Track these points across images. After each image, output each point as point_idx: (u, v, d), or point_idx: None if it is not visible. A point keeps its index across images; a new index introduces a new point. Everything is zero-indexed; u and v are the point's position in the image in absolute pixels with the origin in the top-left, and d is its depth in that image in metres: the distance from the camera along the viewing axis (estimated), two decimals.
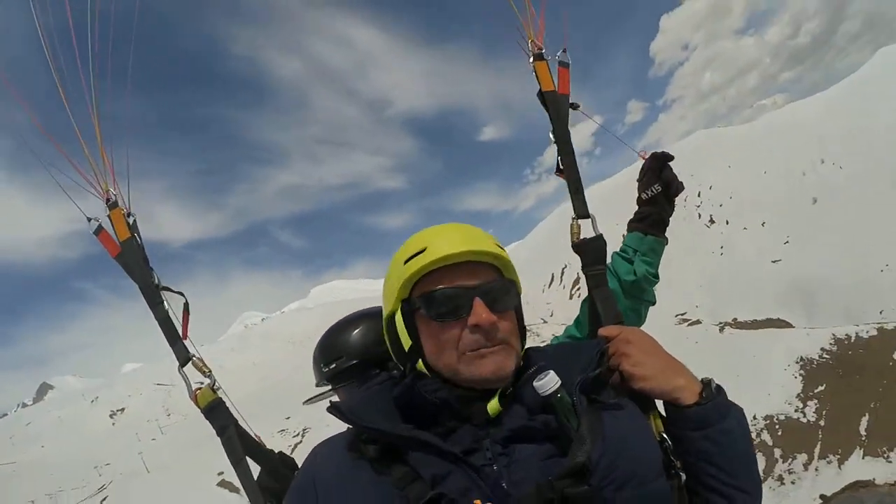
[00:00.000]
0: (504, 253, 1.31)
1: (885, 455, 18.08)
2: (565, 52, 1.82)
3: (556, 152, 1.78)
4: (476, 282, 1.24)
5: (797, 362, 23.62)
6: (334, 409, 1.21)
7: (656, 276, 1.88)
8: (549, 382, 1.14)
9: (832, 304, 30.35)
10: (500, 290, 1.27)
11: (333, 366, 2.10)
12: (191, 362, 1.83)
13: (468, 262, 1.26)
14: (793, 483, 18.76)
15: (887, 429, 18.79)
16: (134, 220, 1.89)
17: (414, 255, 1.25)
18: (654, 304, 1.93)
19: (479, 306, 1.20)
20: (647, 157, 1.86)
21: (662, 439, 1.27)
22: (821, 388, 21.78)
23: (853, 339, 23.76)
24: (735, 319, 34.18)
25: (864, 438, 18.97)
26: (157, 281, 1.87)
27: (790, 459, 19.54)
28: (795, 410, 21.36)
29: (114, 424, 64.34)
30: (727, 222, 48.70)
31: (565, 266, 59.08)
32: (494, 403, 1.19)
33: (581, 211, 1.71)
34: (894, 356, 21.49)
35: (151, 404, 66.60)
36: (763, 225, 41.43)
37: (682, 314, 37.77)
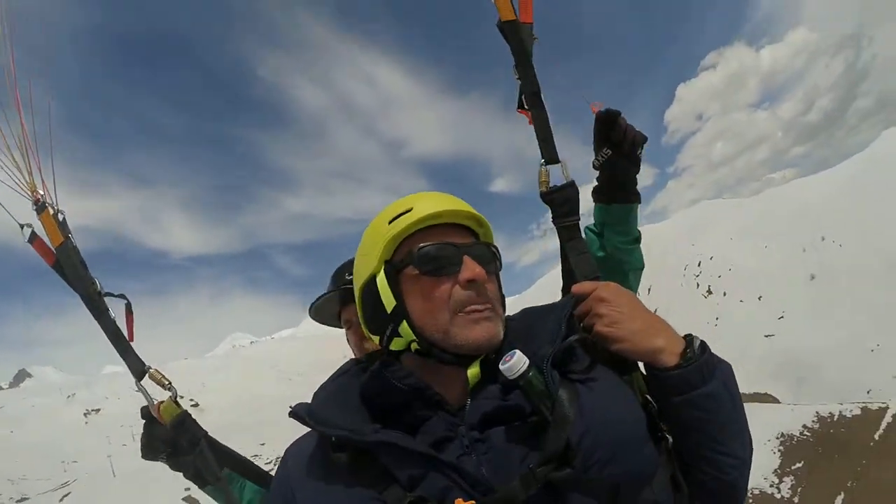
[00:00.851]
0: (482, 216, 1.30)
1: None
2: None
3: (517, 102, 1.61)
4: (465, 241, 1.22)
5: (777, 437, 23.41)
6: (294, 414, 1.17)
7: (635, 241, 1.73)
8: (516, 364, 1.06)
9: (821, 381, 30.16)
10: (486, 251, 1.24)
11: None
12: (147, 374, 1.70)
13: (452, 224, 1.24)
14: None
15: None
16: (63, 219, 1.74)
17: (399, 216, 1.21)
18: (642, 268, 1.78)
19: (470, 262, 1.17)
20: (598, 110, 1.66)
21: (646, 401, 1.19)
22: (798, 465, 21.49)
23: (836, 417, 23.45)
24: None
25: None
26: (99, 288, 1.73)
27: None
28: (771, 486, 21.08)
29: (87, 423, 63.51)
30: (724, 294, 49.12)
31: None
32: (475, 369, 1.16)
33: (550, 155, 1.53)
34: (876, 436, 21.31)
35: (127, 409, 65.69)
36: (760, 299, 41.70)
37: None
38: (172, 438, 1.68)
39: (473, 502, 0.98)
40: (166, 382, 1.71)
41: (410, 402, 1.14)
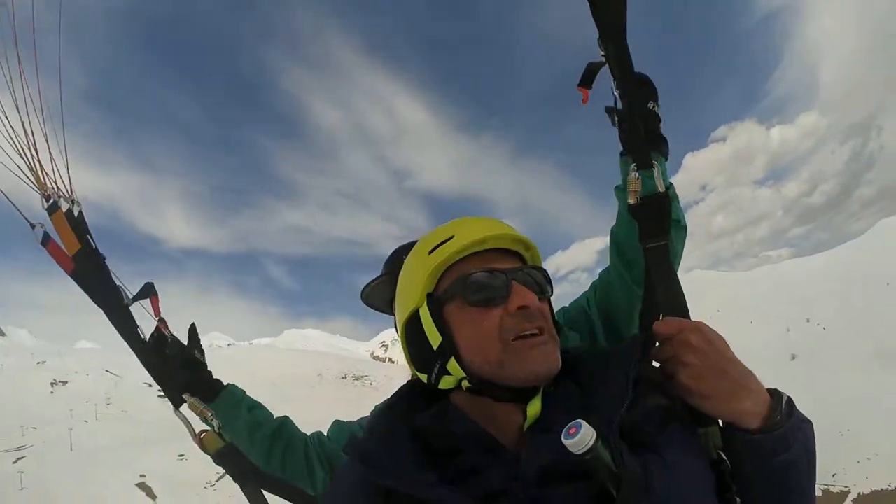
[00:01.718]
0: (530, 240, 1.22)
1: None
2: None
3: (582, 75, 1.41)
4: (512, 266, 1.14)
5: None
6: (349, 450, 1.10)
7: (668, 190, 1.42)
8: (583, 439, 0.91)
9: None
10: (536, 275, 1.16)
11: None
12: (187, 404, 1.65)
13: (497, 248, 1.16)
14: None
15: None
16: (80, 214, 1.56)
17: (440, 244, 1.13)
18: (681, 223, 1.48)
19: (520, 287, 1.09)
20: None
21: (720, 458, 1.10)
22: None
23: None
24: None
25: None
26: (126, 299, 1.60)
27: None
28: None
29: (52, 393, 62.24)
30: None
31: None
32: (536, 407, 1.07)
33: (644, 161, 1.34)
34: None
35: (95, 388, 64.55)
36: None
37: None
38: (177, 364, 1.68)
39: None
40: (208, 415, 1.63)
41: (465, 446, 1.07)
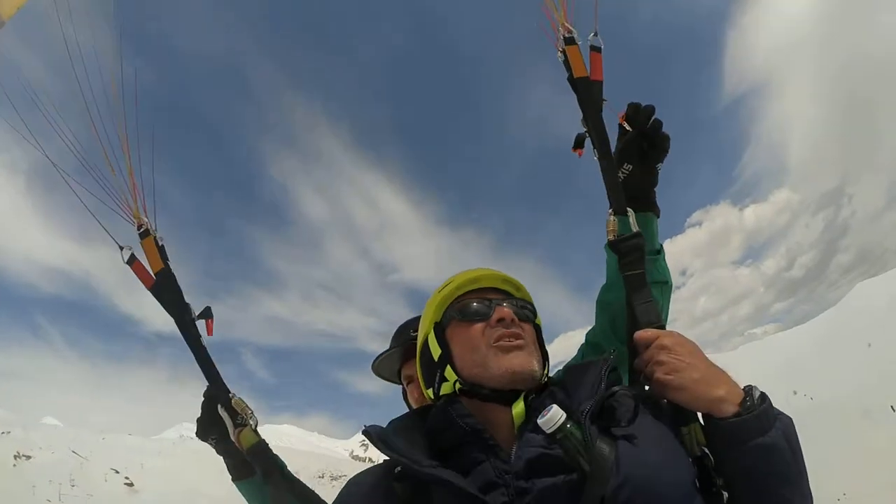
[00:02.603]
0: (520, 282, 1.52)
1: None
2: (597, 35, 1.68)
3: (572, 143, 1.71)
4: (499, 296, 1.43)
5: None
6: (367, 433, 1.26)
7: (656, 252, 1.70)
8: (552, 418, 1.10)
9: None
10: (518, 303, 1.43)
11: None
12: (232, 402, 1.77)
13: (490, 287, 1.47)
14: None
15: None
16: (163, 245, 1.84)
17: (445, 286, 1.48)
18: (665, 282, 1.71)
19: (501, 308, 1.35)
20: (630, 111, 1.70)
21: (703, 454, 1.20)
22: None
23: None
24: None
25: None
26: (193, 314, 1.83)
27: None
28: None
29: (14, 466, 58.94)
30: None
31: None
32: (520, 408, 1.24)
33: (619, 206, 1.56)
34: None
35: (60, 467, 61.13)
36: None
37: None
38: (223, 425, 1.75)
39: None
40: (249, 412, 1.77)
41: (466, 443, 1.23)
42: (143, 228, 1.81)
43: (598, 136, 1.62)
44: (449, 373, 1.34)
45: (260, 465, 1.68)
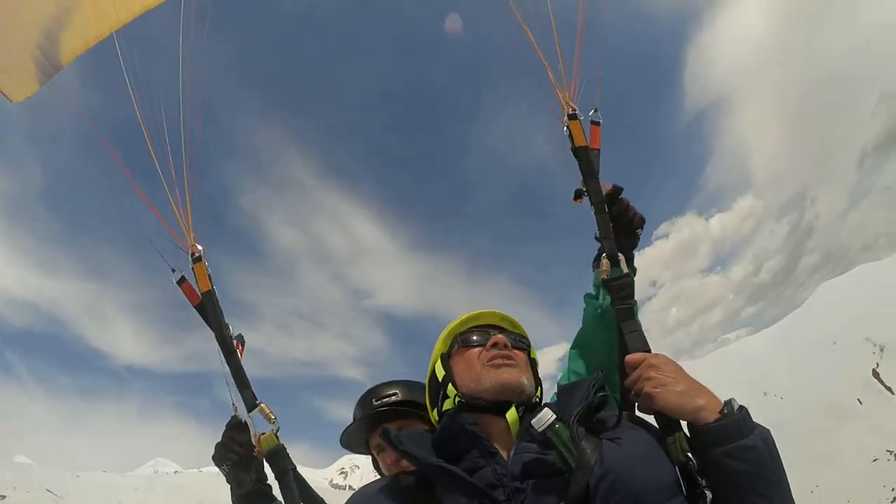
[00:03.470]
0: (517, 321, 1.74)
1: None
2: (597, 111, 1.98)
3: (573, 193, 1.94)
4: (497, 330, 1.64)
5: None
6: (383, 432, 1.47)
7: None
8: (543, 417, 1.30)
9: None
10: (513, 335, 1.64)
11: (385, 399, 2.31)
12: (257, 408, 1.93)
13: (491, 324, 1.68)
14: None
15: None
16: (210, 274, 2.05)
17: (450, 325, 1.73)
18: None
19: (496, 335, 1.57)
20: (609, 189, 1.92)
21: (687, 459, 1.33)
22: None
23: None
24: None
25: None
26: (231, 332, 2.00)
27: None
28: None
29: None
30: None
31: None
32: (513, 416, 1.42)
33: (611, 250, 1.82)
34: None
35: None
36: None
37: None
38: (246, 456, 1.88)
39: None
40: (272, 417, 1.91)
41: (468, 449, 1.37)
42: (197, 255, 2.04)
43: (594, 197, 1.88)
44: (450, 390, 1.55)
45: (276, 466, 1.83)
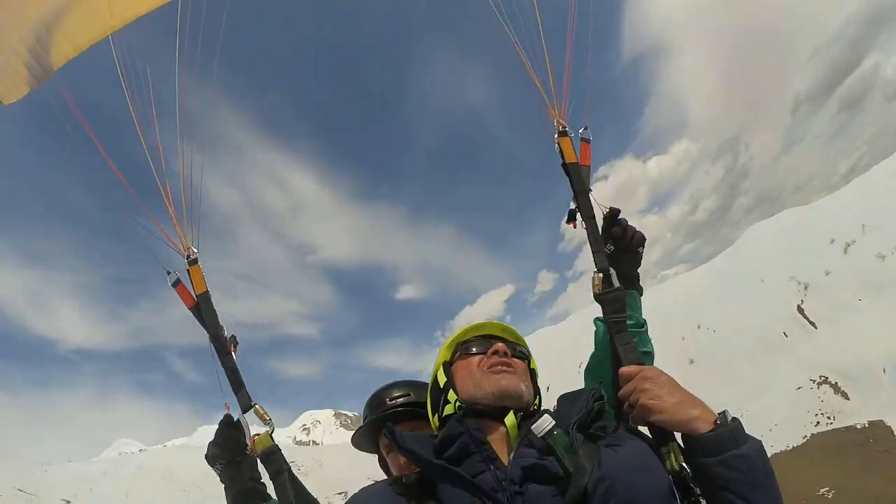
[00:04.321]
0: (518, 333, 1.80)
1: None
2: (587, 129, 1.97)
3: (567, 214, 1.92)
4: (497, 340, 1.69)
5: None
6: (388, 431, 1.49)
7: (640, 326, 1.92)
8: (542, 423, 1.33)
9: None
10: (514, 344, 1.72)
11: (395, 400, 2.28)
12: (252, 409, 1.91)
13: (492, 334, 1.74)
14: None
15: None
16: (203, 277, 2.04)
17: (454, 335, 1.78)
18: (651, 353, 1.94)
19: (497, 344, 1.63)
20: (607, 212, 1.92)
21: (681, 468, 1.35)
22: None
23: None
24: None
25: None
26: (226, 332, 1.98)
27: None
28: None
29: None
30: None
31: None
32: (512, 421, 1.46)
33: (602, 266, 1.79)
34: None
35: None
36: None
37: None
38: (234, 452, 1.92)
39: None
40: (267, 419, 1.90)
41: (470, 454, 1.41)
42: (193, 257, 2.04)
43: (585, 213, 1.86)
44: (451, 396, 1.59)
45: (270, 467, 1.83)
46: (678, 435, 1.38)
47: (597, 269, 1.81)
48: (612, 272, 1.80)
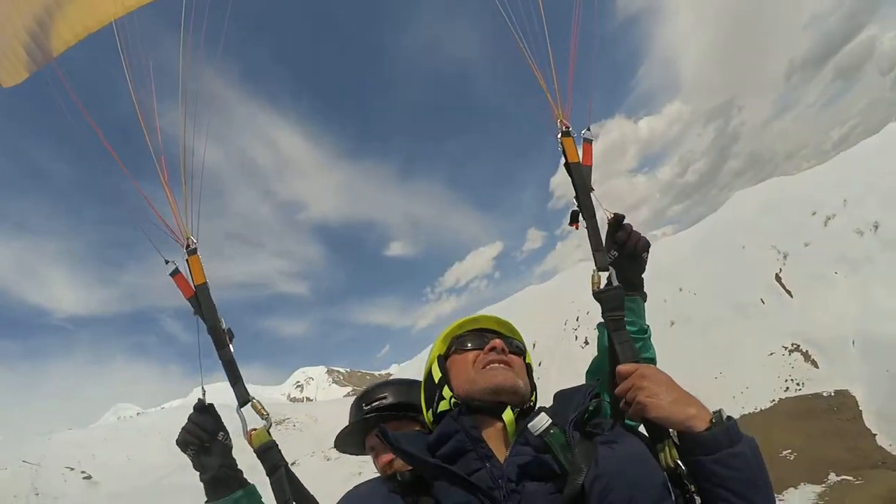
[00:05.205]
0: (514, 326, 1.82)
1: None
2: (589, 129, 1.98)
3: (569, 216, 1.92)
4: (494, 335, 1.71)
5: None
6: (381, 432, 1.47)
7: (643, 332, 1.92)
8: (539, 422, 1.30)
9: None
10: (509, 340, 1.72)
11: (376, 403, 2.25)
12: (250, 404, 1.93)
13: (488, 328, 1.76)
14: None
15: None
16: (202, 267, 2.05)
17: (449, 327, 1.80)
18: (653, 359, 1.94)
19: (494, 340, 1.63)
20: (612, 217, 1.91)
21: (676, 465, 1.35)
22: None
23: None
24: None
25: None
26: (223, 325, 1.97)
27: None
28: None
29: None
30: None
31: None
32: (510, 417, 1.48)
33: (602, 264, 1.81)
34: None
35: (18, 480, 59.99)
36: None
37: None
38: (206, 439, 1.86)
39: None
40: (264, 413, 1.92)
41: (466, 451, 1.41)
42: (192, 247, 2.03)
43: (587, 213, 1.88)
44: (445, 392, 1.60)
45: (267, 462, 1.80)
46: (673, 432, 1.39)
47: (597, 268, 1.83)
48: (612, 271, 1.80)
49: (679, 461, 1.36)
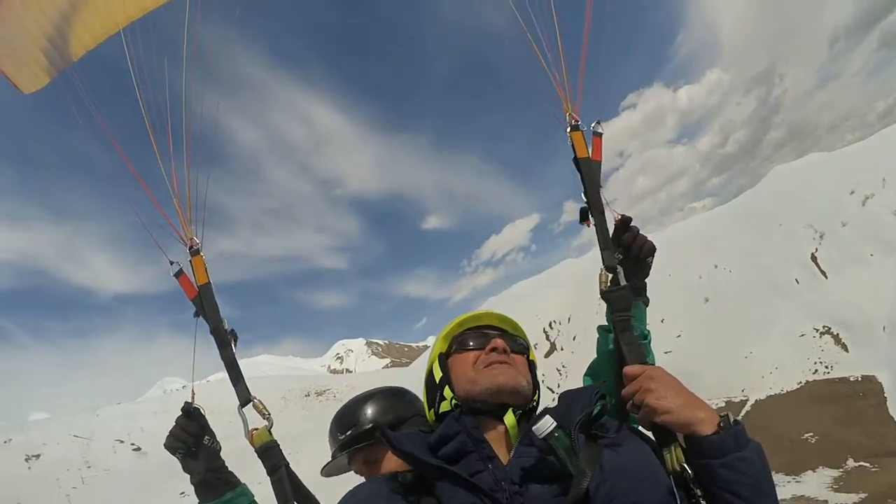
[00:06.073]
0: (516, 323, 1.79)
1: None
2: (599, 123, 1.94)
3: (579, 213, 1.89)
4: (496, 332, 1.69)
5: None
6: (382, 432, 1.43)
7: (643, 337, 1.86)
8: (544, 425, 1.27)
9: (705, 383, 34.82)
10: (512, 338, 1.70)
11: (350, 432, 2.20)
12: (251, 404, 1.92)
13: (490, 325, 1.74)
14: None
15: None
16: (206, 268, 2.05)
17: (450, 324, 1.76)
18: (652, 363, 1.86)
19: (495, 340, 1.60)
20: (619, 219, 1.87)
21: (682, 469, 1.33)
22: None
23: None
24: None
25: None
26: (226, 325, 1.97)
27: None
28: None
29: (30, 469, 60.99)
30: None
31: None
32: (511, 419, 1.46)
33: (610, 263, 1.78)
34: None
35: (69, 454, 62.85)
36: (662, 321, 45.99)
37: None
38: (195, 440, 1.84)
39: None
40: (266, 413, 1.93)
41: (468, 452, 1.40)
42: (196, 248, 2.05)
43: (595, 208, 1.85)
44: (447, 392, 1.58)
45: (268, 462, 1.81)
46: (679, 436, 1.37)
47: (604, 267, 1.80)
48: (619, 270, 1.77)
49: (685, 465, 1.35)
